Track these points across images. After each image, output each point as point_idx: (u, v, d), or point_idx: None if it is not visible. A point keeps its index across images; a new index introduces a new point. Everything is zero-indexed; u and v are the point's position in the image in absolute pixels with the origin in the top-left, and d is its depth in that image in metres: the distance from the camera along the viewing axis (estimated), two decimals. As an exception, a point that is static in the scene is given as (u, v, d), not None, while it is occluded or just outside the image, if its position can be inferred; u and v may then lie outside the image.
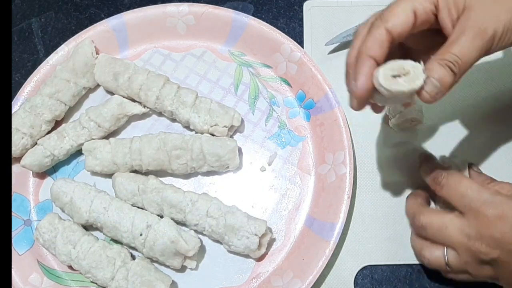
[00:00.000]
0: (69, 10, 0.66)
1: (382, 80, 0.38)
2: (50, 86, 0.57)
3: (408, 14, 0.39)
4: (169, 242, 0.50)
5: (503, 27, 0.38)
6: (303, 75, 0.58)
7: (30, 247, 0.55)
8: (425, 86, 0.37)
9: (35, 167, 0.56)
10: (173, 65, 0.61)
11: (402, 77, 0.37)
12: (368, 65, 0.39)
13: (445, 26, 0.40)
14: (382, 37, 0.39)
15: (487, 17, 0.38)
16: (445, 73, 0.37)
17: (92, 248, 0.51)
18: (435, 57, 0.38)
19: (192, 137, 0.54)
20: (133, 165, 0.55)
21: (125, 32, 0.61)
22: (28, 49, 0.65)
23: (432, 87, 0.37)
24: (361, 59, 0.40)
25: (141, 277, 0.50)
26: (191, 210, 0.52)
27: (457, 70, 0.38)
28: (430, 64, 0.38)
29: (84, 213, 0.53)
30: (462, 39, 0.38)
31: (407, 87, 0.37)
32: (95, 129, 0.56)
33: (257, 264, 0.53)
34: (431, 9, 0.39)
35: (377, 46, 0.39)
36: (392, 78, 0.38)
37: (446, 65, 0.37)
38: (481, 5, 0.38)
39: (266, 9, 0.64)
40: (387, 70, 0.38)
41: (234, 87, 0.60)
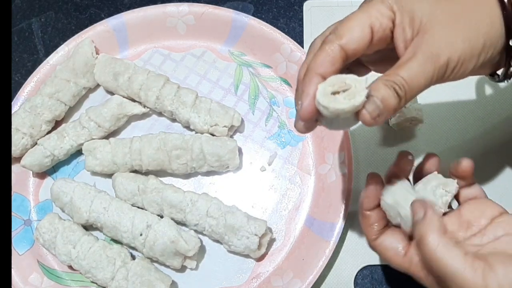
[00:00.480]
0: (69, 10, 0.66)
1: (320, 96, 0.34)
2: (50, 86, 0.57)
3: (365, 30, 0.36)
4: (169, 242, 0.50)
5: (458, 56, 0.35)
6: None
7: (30, 247, 0.55)
8: (367, 104, 0.34)
9: (35, 167, 0.56)
10: (173, 65, 0.61)
11: (341, 94, 0.34)
12: (315, 83, 0.35)
13: (398, 45, 0.36)
14: (334, 54, 0.35)
15: (442, 43, 0.35)
16: (389, 94, 0.34)
17: (92, 248, 0.51)
18: (382, 77, 0.35)
19: (192, 137, 0.54)
20: (133, 165, 0.55)
21: (125, 32, 0.61)
22: (28, 49, 0.65)
23: (374, 107, 0.34)
24: (308, 76, 0.36)
25: (141, 277, 0.50)
26: (191, 210, 0.52)
27: (403, 94, 0.34)
28: (375, 83, 0.34)
29: (84, 213, 0.53)
30: (412, 62, 0.34)
31: (347, 104, 0.33)
32: (95, 129, 0.56)
33: (257, 264, 0.53)
34: (388, 26, 0.36)
35: (327, 63, 0.35)
36: (331, 96, 0.34)
37: (392, 86, 0.34)
38: (437, 29, 0.35)
39: (266, 9, 0.64)
40: (327, 85, 0.34)
41: (234, 87, 0.60)
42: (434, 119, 0.57)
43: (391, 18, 0.36)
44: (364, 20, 0.36)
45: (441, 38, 0.35)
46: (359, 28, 0.36)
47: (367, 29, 0.36)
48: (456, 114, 0.57)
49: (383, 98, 0.34)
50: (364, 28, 0.36)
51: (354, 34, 0.35)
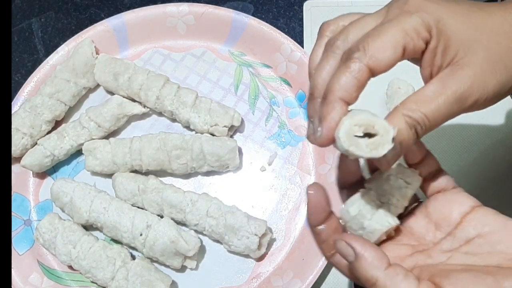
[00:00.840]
0: (69, 10, 0.66)
1: (344, 136, 0.30)
2: (50, 86, 0.57)
3: (397, 51, 0.31)
4: (169, 242, 0.50)
5: (486, 97, 0.32)
6: (303, 75, 0.58)
7: (30, 247, 0.55)
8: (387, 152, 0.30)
9: (35, 167, 0.56)
10: (173, 65, 0.61)
11: (365, 139, 0.30)
12: (339, 110, 0.31)
13: (424, 69, 0.33)
14: (362, 77, 0.31)
15: (475, 86, 0.31)
16: (410, 136, 0.31)
17: (92, 248, 0.51)
18: (404, 112, 0.31)
19: (192, 137, 0.54)
20: (133, 165, 0.55)
21: (125, 32, 0.61)
22: (28, 49, 0.65)
23: (393, 153, 0.30)
24: (330, 100, 0.31)
25: (141, 277, 0.50)
26: (191, 210, 0.52)
27: (421, 134, 0.31)
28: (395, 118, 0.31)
29: (84, 213, 0.53)
30: (439, 101, 0.31)
31: (368, 154, 0.30)
32: (95, 129, 0.56)
33: (257, 264, 0.53)
34: (421, 48, 0.32)
35: (353, 87, 0.31)
36: (353, 138, 0.30)
37: (414, 127, 0.31)
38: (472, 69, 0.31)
39: (266, 9, 0.64)
40: (353, 125, 0.30)
41: (234, 87, 0.60)
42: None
43: (426, 40, 0.32)
44: (399, 38, 0.31)
45: (474, 81, 0.31)
46: (392, 49, 0.31)
47: (400, 49, 0.31)
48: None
49: (403, 141, 0.30)
50: (397, 48, 0.31)
51: (386, 54, 0.31)
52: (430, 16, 0.32)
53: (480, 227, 0.33)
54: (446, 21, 0.32)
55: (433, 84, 0.31)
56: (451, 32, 0.32)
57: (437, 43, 0.32)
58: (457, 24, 0.32)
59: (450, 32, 0.32)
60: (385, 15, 0.33)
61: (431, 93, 0.31)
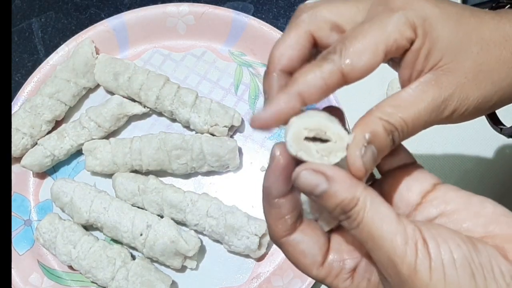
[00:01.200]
0: (69, 10, 0.66)
1: (291, 139, 0.27)
2: (50, 86, 0.57)
3: (378, 55, 0.28)
4: (169, 242, 0.50)
5: (465, 109, 0.30)
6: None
7: (30, 247, 0.55)
8: (363, 156, 0.27)
9: (35, 167, 0.56)
10: (173, 65, 0.61)
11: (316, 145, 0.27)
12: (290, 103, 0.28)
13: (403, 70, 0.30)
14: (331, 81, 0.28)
15: (456, 94, 0.29)
16: (387, 142, 0.28)
17: (92, 248, 0.51)
18: (380, 115, 0.28)
19: (192, 137, 0.54)
20: (133, 165, 0.55)
21: (125, 32, 0.61)
22: (28, 49, 0.65)
23: (370, 158, 0.27)
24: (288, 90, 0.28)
25: (141, 277, 0.50)
26: (191, 210, 0.52)
27: (398, 140, 0.29)
28: (371, 122, 0.27)
29: (84, 213, 0.53)
30: (419, 106, 0.28)
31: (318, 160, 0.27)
32: (95, 129, 0.56)
33: (257, 264, 0.53)
34: (404, 47, 0.29)
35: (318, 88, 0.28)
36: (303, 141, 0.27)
37: (391, 132, 0.28)
38: (458, 75, 0.29)
39: (266, 9, 0.64)
40: (302, 128, 0.27)
41: (234, 87, 0.60)
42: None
43: (410, 40, 0.29)
44: (380, 41, 0.28)
45: (456, 90, 0.29)
46: (372, 53, 0.28)
47: (381, 54, 0.28)
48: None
49: (379, 147, 0.27)
50: (377, 52, 0.28)
51: (363, 59, 0.28)
52: (416, 14, 0.29)
53: (442, 205, 0.29)
54: (434, 22, 0.29)
55: (413, 89, 0.29)
56: (437, 34, 0.29)
57: (421, 44, 0.29)
58: (445, 27, 0.29)
59: (437, 35, 0.29)
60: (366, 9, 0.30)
61: (411, 98, 0.29)
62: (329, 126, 0.27)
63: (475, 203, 0.29)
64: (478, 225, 0.28)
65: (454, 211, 0.29)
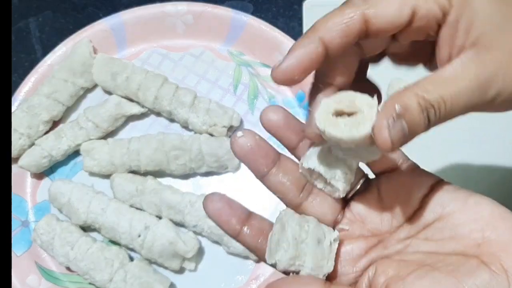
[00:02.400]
0: (67, 10, 0.66)
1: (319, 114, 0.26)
2: (47, 86, 0.57)
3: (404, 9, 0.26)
4: (168, 244, 0.50)
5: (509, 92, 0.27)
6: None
7: (28, 249, 0.55)
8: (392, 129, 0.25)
9: (32, 167, 0.55)
10: (172, 65, 0.61)
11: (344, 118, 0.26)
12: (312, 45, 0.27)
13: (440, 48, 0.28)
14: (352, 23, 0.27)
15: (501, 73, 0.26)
16: (421, 120, 0.25)
17: (90, 250, 0.51)
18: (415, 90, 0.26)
19: (191, 138, 0.54)
20: (131, 165, 0.55)
21: (123, 32, 0.61)
22: (25, 48, 0.64)
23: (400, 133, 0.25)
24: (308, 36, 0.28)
25: (140, 279, 0.50)
26: (190, 211, 0.52)
27: (433, 120, 0.26)
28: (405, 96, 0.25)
29: (82, 214, 0.52)
30: (460, 84, 0.26)
31: (346, 133, 0.25)
32: (93, 129, 0.56)
33: (256, 265, 0.53)
34: (437, 16, 0.26)
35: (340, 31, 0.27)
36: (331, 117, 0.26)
37: (426, 109, 0.25)
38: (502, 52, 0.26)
39: (265, 8, 0.64)
40: (332, 102, 0.26)
41: (233, 87, 0.60)
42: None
43: (443, 9, 0.26)
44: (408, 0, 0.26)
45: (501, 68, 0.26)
46: (398, 5, 0.26)
47: (408, 9, 0.26)
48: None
49: (412, 124, 0.25)
50: (404, 6, 0.26)
51: (389, 8, 0.26)
52: None
53: (439, 209, 0.29)
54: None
55: (453, 66, 0.26)
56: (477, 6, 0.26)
57: (458, 15, 0.26)
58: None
59: (476, 6, 0.26)
60: None
61: (451, 75, 0.26)
62: (357, 95, 0.26)
63: (472, 205, 0.28)
64: (475, 230, 0.27)
65: (450, 214, 0.28)
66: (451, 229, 0.28)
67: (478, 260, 0.26)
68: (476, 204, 0.28)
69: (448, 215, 0.28)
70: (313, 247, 0.29)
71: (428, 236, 0.29)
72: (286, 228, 0.29)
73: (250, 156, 0.31)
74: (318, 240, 0.29)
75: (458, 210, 0.28)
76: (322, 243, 0.29)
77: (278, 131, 0.32)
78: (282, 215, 0.30)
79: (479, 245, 0.27)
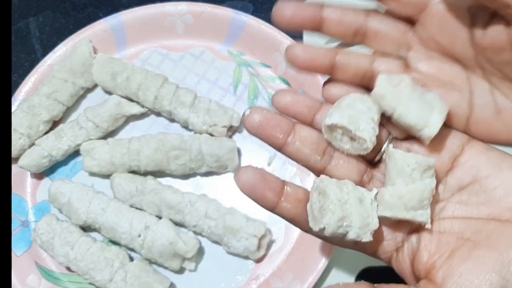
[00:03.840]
0: (67, 10, 0.66)
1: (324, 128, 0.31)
2: (47, 86, 0.57)
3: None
4: (168, 243, 0.50)
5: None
6: (303, 75, 0.57)
7: (28, 249, 0.55)
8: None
9: (32, 167, 0.55)
10: (172, 64, 0.61)
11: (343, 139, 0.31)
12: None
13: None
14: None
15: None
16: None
17: (90, 250, 0.51)
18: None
19: (191, 138, 0.54)
20: (132, 165, 0.55)
21: (123, 32, 0.61)
22: (25, 48, 0.64)
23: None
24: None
25: (140, 279, 0.50)
26: (190, 211, 0.52)
27: None
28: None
29: (82, 214, 0.52)
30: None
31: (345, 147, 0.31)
32: (93, 129, 0.56)
33: (256, 265, 0.53)
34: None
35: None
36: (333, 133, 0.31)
37: None
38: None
39: (265, 8, 0.64)
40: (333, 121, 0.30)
41: (233, 87, 0.60)
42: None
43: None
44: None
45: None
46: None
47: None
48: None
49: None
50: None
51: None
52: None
53: (474, 170, 0.29)
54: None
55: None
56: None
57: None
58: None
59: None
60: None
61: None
62: (358, 125, 0.29)
63: (506, 169, 0.29)
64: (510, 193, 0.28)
65: (485, 177, 0.29)
66: (487, 193, 0.28)
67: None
68: (510, 169, 0.29)
69: (483, 178, 0.29)
70: (356, 206, 0.29)
71: (463, 200, 0.29)
72: (327, 192, 0.30)
73: (262, 131, 0.32)
74: (360, 199, 0.30)
75: (493, 173, 0.29)
76: (363, 202, 0.30)
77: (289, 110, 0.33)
78: (318, 182, 0.31)
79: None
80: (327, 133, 0.31)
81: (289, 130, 0.32)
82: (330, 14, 0.31)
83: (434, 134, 0.29)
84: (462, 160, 0.30)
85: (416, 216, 0.29)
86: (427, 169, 0.29)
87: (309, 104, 0.32)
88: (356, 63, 0.31)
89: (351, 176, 0.32)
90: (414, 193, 0.29)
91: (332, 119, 0.30)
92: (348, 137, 0.31)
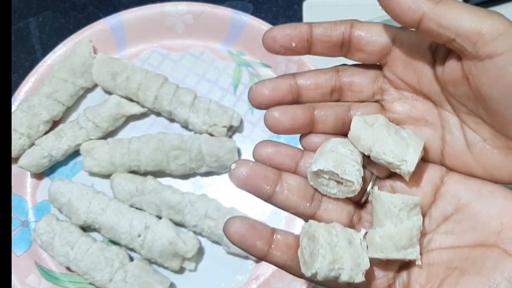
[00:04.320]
0: (67, 10, 0.66)
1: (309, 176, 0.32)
2: (47, 86, 0.57)
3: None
4: (168, 243, 0.50)
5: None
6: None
7: (28, 249, 0.55)
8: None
9: (32, 167, 0.55)
10: (172, 64, 0.61)
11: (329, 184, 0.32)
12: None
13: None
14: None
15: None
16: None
17: (90, 250, 0.51)
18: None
19: (191, 138, 0.54)
20: (131, 165, 0.55)
21: (123, 32, 0.61)
22: (25, 48, 0.64)
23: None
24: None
25: (140, 279, 0.50)
26: (190, 211, 0.52)
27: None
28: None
29: (82, 214, 0.52)
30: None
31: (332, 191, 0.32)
32: (93, 129, 0.56)
33: (256, 265, 0.53)
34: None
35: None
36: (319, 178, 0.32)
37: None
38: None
39: (265, 8, 0.64)
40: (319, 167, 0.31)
41: (233, 87, 0.60)
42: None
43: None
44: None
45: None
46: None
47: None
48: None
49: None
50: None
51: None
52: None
53: (456, 199, 0.30)
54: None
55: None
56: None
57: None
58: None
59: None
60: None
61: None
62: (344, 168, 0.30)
63: (487, 194, 0.29)
64: (493, 218, 0.29)
65: (467, 204, 0.30)
66: (470, 219, 0.29)
67: (500, 249, 0.27)
68: (491, 193, 0.29)
69: (465, 205, 0.30)
70: (346, 248, 0.30)
71: (449, 229, 0.30)
72: (317, 237, 0.30)
73: (250, 183, 0.32)
74: (349, 241, 0.30)
75: (474, 199, 0.30)
76: (353, 243, 0.30)
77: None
78: (307, 227, 0.31)
79: (499, 232, 0.28)
80: (313, 180, 0.31)
81: (276, 180, 0.32)
82: (304, 82, 0.32)
83: (412, 169, 0.30)
84: (443, 191, 0.31)
85: (407, 255, 0.30)
86: (413, 207, 0.30)
87: (291, 153, 0.33)
88: (334, 113, 0.33)
89: (341, 219, 0.32)
90: (403, 233, 0.30)
91: (318, 165, 0.31)
92: (335, 181, 0.31)
